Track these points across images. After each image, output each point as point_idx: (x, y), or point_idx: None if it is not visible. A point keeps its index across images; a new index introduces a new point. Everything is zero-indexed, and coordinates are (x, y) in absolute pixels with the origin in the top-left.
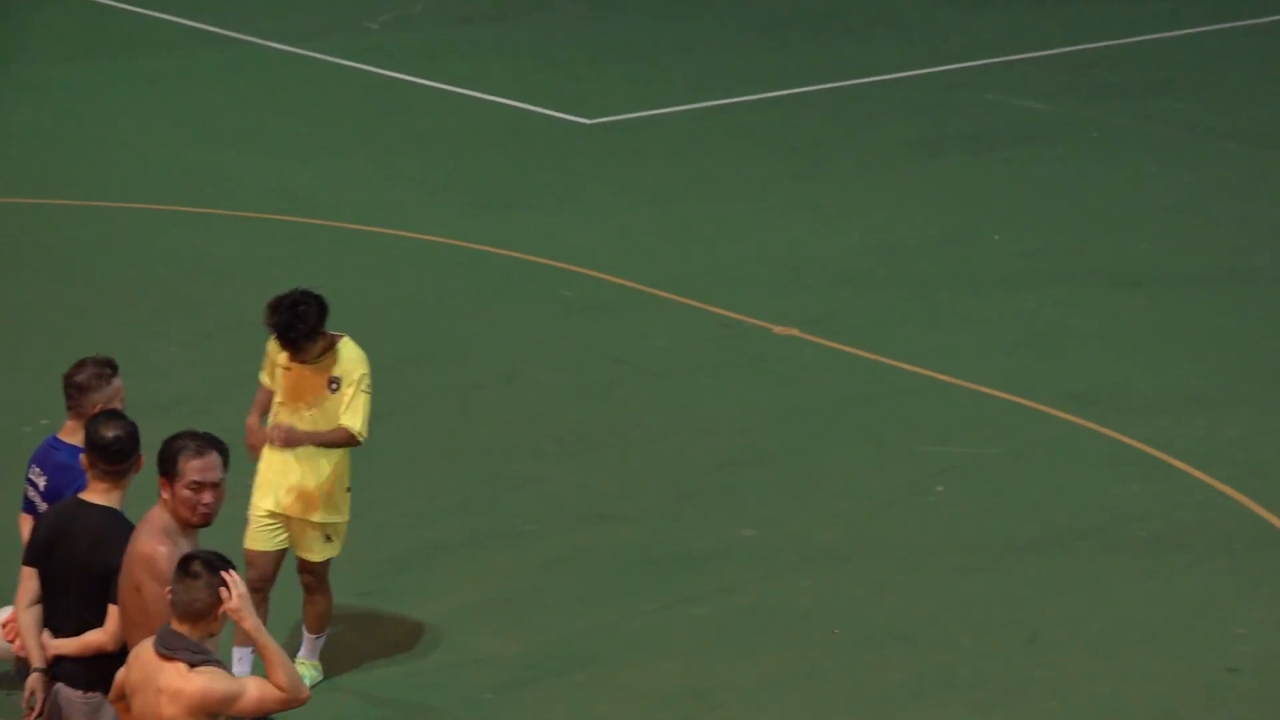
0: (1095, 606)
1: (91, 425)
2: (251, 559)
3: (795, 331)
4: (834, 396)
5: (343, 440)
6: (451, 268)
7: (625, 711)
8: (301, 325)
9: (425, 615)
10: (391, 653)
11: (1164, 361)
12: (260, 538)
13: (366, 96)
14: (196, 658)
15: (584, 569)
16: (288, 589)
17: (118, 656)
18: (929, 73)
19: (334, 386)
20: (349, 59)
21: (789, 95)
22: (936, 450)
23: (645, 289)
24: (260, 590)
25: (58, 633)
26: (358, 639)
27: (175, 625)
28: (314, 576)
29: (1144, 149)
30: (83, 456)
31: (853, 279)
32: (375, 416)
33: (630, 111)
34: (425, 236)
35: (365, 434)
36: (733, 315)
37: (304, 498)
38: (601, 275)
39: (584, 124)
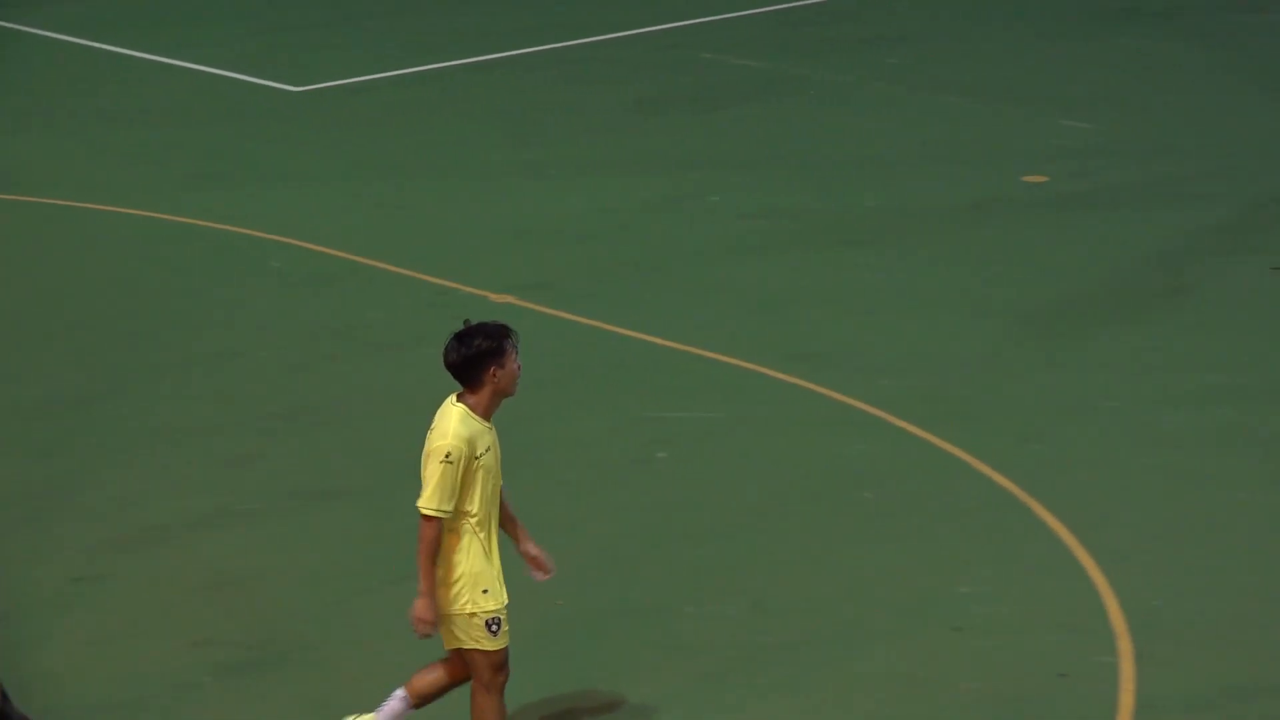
0: (824, 570)
1: None
2: (505, 657)
3: (512, 299)
4: (555, 364)
5: None
6: (163, 243)
7: (348, 690)
8: None
9: (142, 599)
10: (105, 638)
11: (889, 321)
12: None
13: (72, 68)
14: None
15: (307, 548)
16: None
17: None
18: (645, 32)
19: None
20: (54, 31)
21: (505, 58)
22: (659, 416)
23: (361, 259)
24: None
25: None
26: (70, 625)
27: None
28: None
29: (865, 105)
30: None
31: (573, 244)
32: (89, 398)
33: (340, 78)
34: (136, 211)
35: None
36: (448, 284)
37: None
38: (316, 247)
39: (292, 92)
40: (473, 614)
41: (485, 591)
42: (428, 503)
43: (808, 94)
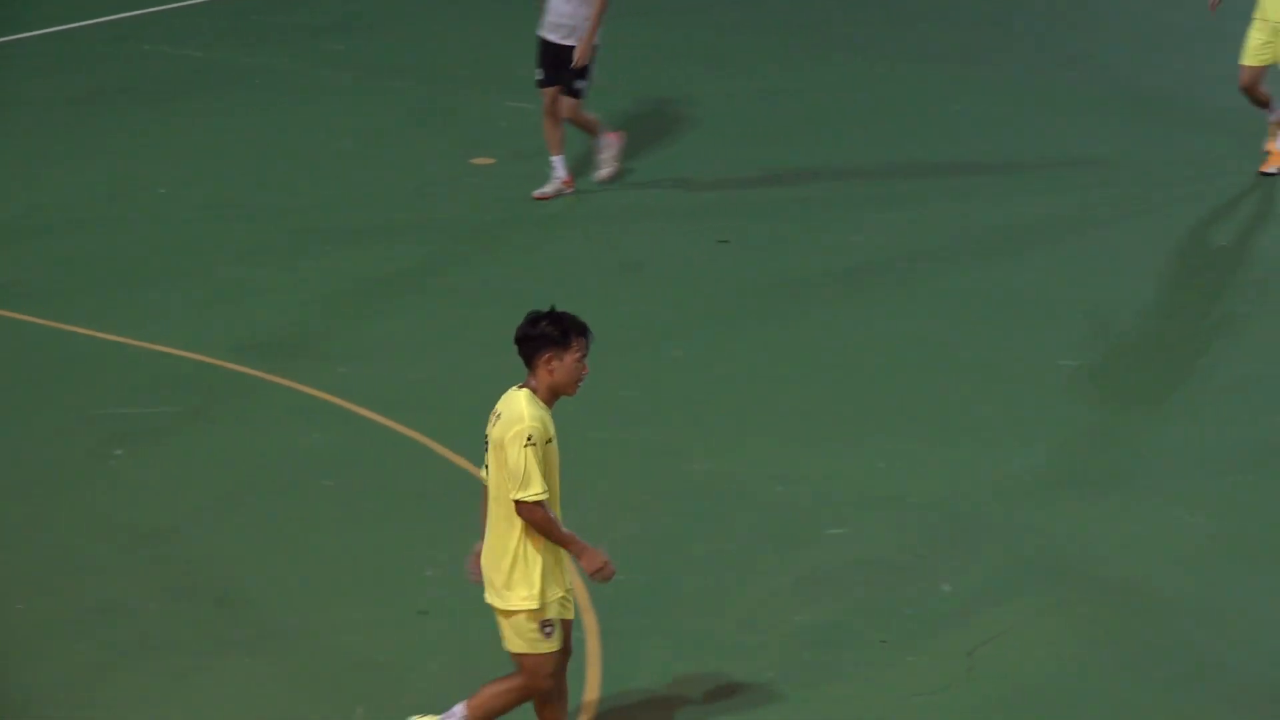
0: (289, 560)
1: None
2: (559, 662)
3: None
4: (3, 366)
5: None
6: None
7: None
8: None
9: None
10: None
11: (342, 310)
12: None
13: None
14: None
15: None
16: None
17: None
18: (84, 26)
19: None
20: None
21: None
22: (114, 413)
23: None
24: None
25: None
26: None
27: None
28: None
29: (311, 93)
30: None
31: (18, 241)
32: None
33: None
34: None
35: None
36: None
37: None
38: None
39: None
40: (530, 611)
41: (542, 590)
42: (527, 490)
43: (254, 83)
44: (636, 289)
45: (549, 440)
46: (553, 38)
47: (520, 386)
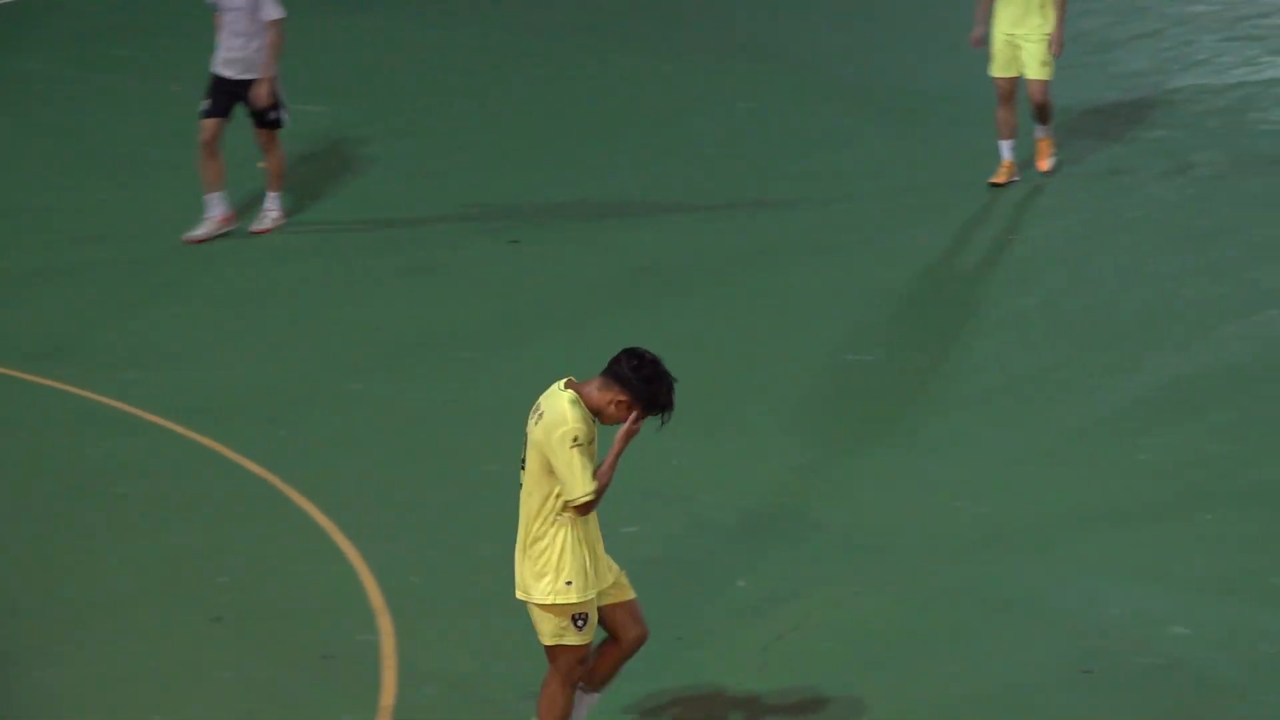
0: (81, 568)
1: None
2: (588, 652)
3: None
4: None
5: None
6: None
7: None
8: None
9: None
10: None
11: (131, 315)
12: None
13: None
14: None
15: None
16: None
17: None
18: None
19: None
20: None
21: None
22: None
23: None
24: None
25: None
26: None
27: None
28: None
29: (96, 98)
30: None
31: None
32: None
33: None
34: None
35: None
36: None
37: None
38: None
39: None
40: (557, 605)
41: (569, 584)
42: (583, 489)
43: (29, 90)
44: (427, 290)
45: (591, 441)
46: (227, 73)
47: (566, 386)
